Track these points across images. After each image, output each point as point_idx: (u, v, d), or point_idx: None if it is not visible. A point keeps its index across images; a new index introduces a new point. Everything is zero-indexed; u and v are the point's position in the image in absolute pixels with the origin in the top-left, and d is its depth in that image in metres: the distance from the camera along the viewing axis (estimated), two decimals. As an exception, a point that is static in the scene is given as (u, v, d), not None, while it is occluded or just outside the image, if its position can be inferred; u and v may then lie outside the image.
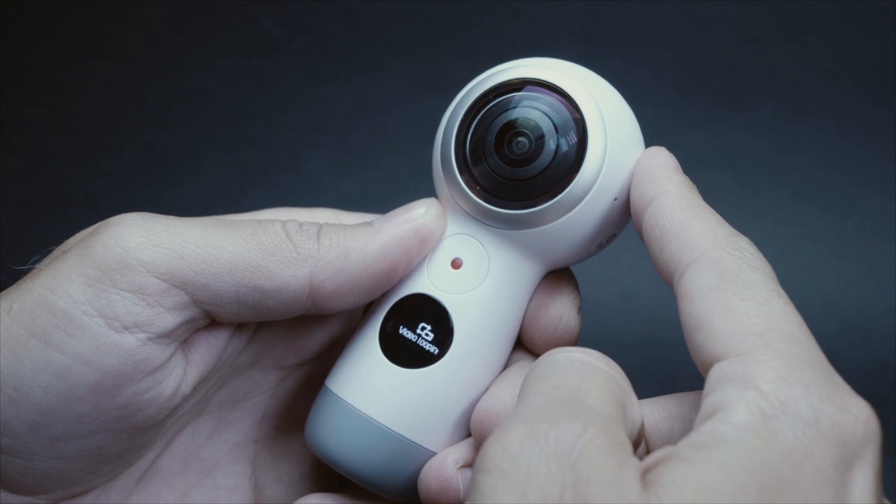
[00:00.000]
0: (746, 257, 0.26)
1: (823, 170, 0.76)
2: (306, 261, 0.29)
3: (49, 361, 0.27)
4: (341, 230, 0.30)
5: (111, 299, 0.27)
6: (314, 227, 0.30)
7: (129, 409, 0.28)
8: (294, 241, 0.29)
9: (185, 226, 0.29)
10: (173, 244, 0.28)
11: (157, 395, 0.28)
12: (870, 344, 0.71)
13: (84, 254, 0.27)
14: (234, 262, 0.28)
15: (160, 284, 0.27)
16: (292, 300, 0.29)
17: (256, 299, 0.29)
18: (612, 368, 0.25)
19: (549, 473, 0.21)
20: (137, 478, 0.32)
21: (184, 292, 0.28)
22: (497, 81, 0.31)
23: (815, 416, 0.22)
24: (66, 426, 0.27)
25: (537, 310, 0.32)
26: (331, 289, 0.29)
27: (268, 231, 0.29)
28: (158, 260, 0.27)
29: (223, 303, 0.28)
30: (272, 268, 0.29)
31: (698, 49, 0.77)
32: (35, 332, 0.27)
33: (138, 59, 0.81)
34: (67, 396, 0.27)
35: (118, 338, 0.27)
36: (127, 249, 0.27)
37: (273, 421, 0.35)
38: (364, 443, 0.30)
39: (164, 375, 0.28)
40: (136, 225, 0.28)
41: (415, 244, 0.30)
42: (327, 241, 0.29)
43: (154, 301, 0.27)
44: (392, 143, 0.78)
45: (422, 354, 0.31)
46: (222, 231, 0.29)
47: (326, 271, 0.29)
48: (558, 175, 0.30)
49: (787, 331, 0.24)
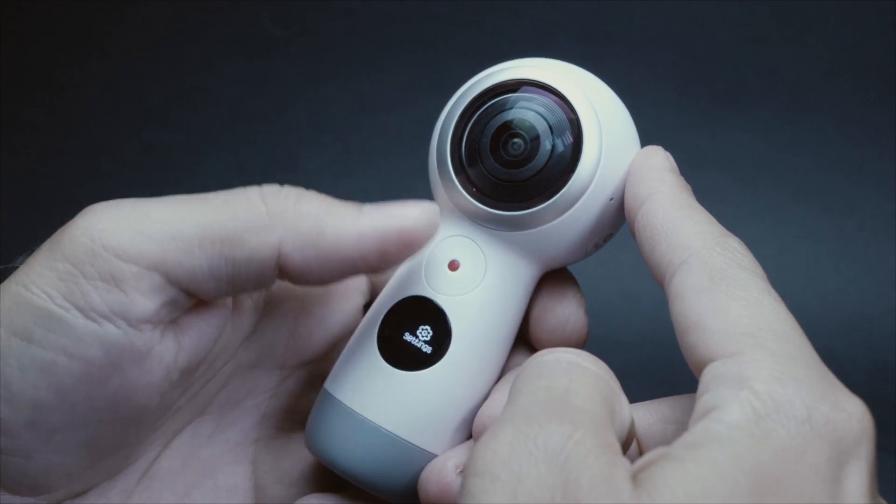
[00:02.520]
0: (736, 257, 0.26)
1: (823, 170, 0.76)
2: (277, 227, 0.28)
3: (34, 358, 0.26)
4: (323, 202, 0.28)
5: (84, 290, 0.26)
6: (295, 190, 0.29)
7: (119, 397, 0.28)
8: (269, 203, 0.28)
9: (151, 204, 0.28)
10: (139, 225, 0.27)
11: (146, 383, 0.28)
12: (870, 344, 0.71)
13: (53, 248, 0.27)
14: (203, 233, 0.27)
15: (131, 269, 0.27)
16: (261, 269, 0.28)
17: (229, 270, 0.28)
18: (601, 368, 0.25)
19: (539, 476, 0.21)
20: (137, 478, 0.32)
21: (157, 273, 0.27)
22: (492, 83, 0.31)
23: (808, 415, 0.22)
24: (60, 418, 0.27)
25: (544, 312, 0.32)
26: (297, 261, 0.28)
27: (241, 197, 0.28)
28: (125, 244, 0.27)
29: (198, 278, 0.28)
30: (242, 235, 0.27)
31: (698, 49, 0.77)
32: (16, 331, 0.26)
33: (138, 59, 0.81)
34: (57, 389, 0.27)
35: (98, 328, 0.27)
36: (92, 238, 0.27)
37: (274, 421, 0.35)
38: (364, 446, 0.30)
39: (152, 362, 0.28)
40: (102, 212, 0.27)
41: (393, 243, 0.28)
42: (306, 206, 0.28)
43: (128, 287, 0.27)
44: (392, 143, 0.78)
45: (420, 357, 0.30)
46: (190, 204, 0.28)
47: (296, 241, 0.28)
48: (554, 176, 0.30)
49: (779, 330, 0.24)
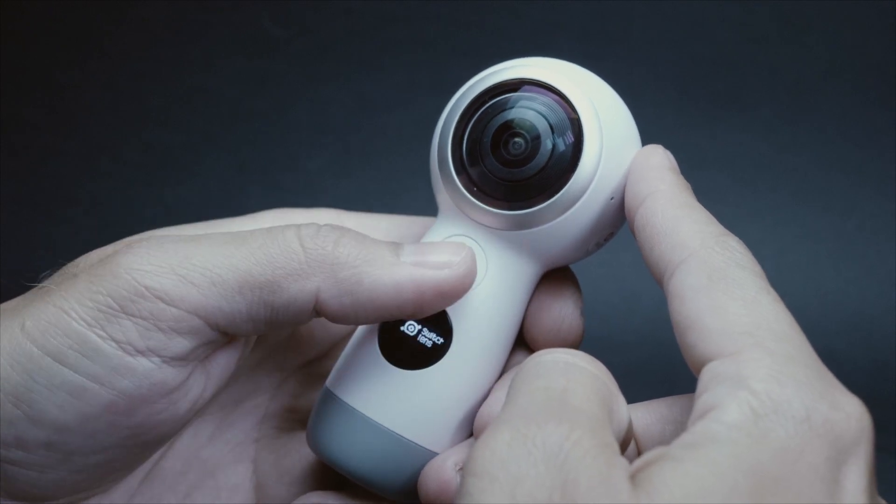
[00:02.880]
0: (735, 256, 0.26)
1: (823, 170, 0.76)
2: (315, 274, 0.28)
3: (64, 380, 0.26)
4: (362, 246, 0.29)
5: (124, 325, 0.27)
6: (334, 233, 0.29)
7: (143, 428, 0.28)
8: (307, 248, 0.28)
9: (194, 248, 0.28)
10: (182, 270, 0.27)
11: (172, 415, 0.28)
12: (870, 344, 0.70)
13: (95, 281, 0.27)
14: (244, 279, 0.27)
15: (172, 311, 0.27)
16: (299, 313, 0.28)
17: (268, 315, 0.28)
18: (598, 369, 0.25)
19: (537, 476, 0.21)
20: (140, 480, 0.32)
21: (196, 317, 0.27)
22: (493, 82, 0.31)
23: (807, 415, 0.22)
24: (80, 443, 0.27)
25: (539, 311, 0.32)
26: (335, 307, 0.28)
27: (279, 240, 0.28)
28: (168, 287, 0.27)
29: (237, 322, 0.28)
30: (281, 282, 0.28)
31: (698, 49, 0.77)
32: (49, 352, 0.26)
33: (138, 59, 0.81)
34: (82, 415, 0.27)
35: (133, 361, 0.27)
36: (136, 278, 0.27)
37: (274, 421, 0.35)
38: (365, 444, 0.30)
39: (180, 395, 0.28)
40: (145, 252, 0.28)
41: (430, 296, 0.29)
42: (344, 252, 0.28)
43: (167, 326, 0.27)
44: (392, 143, 0.78)
45: (421, 355, 0.30)
46: (231, 248, 0.28)
47: (334, 290, 0.28)
48: (555, 175, 0.30)
49: (777, 329, 0.24)
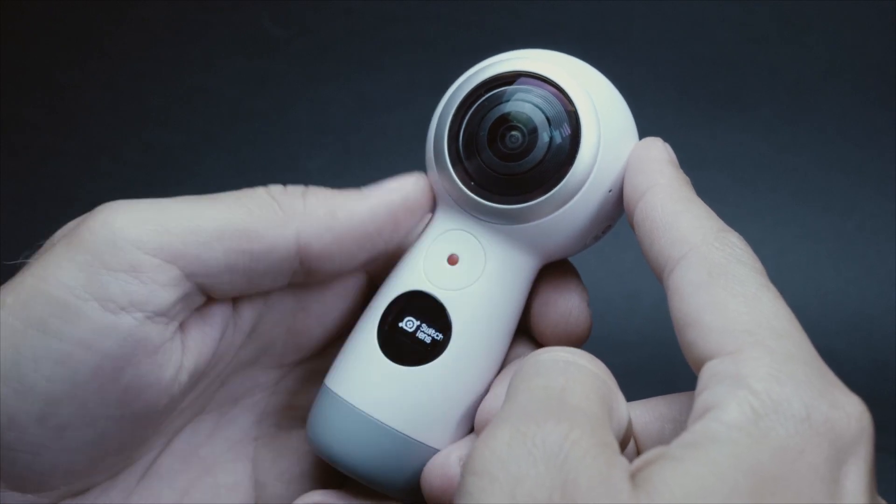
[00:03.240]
0: (735, 252, 0.26)
1: (823, 170, 0.76)
2: (293, 219, 0.29)
3: (49, 350, 0.27)
4: (327, 191, 0.30)
5: (104, 281, 0.27)
6: (299, 187, 0.30)
7: (130, 393, 0.28)
8: (279, 201, 0.30)
9: (169, 203, 0.29)
10: (159, 220, 0.28)
11: (156, 379, 0.28)
12: (870, 344, 0.71)
13: (73, 241, 0.27)
14: (222, 228, 0.28)
15: (151, 260, 0.27)
16: (281, 262, 0.29)
17: (246, 264, 0.29)
18: (598, 367, 0.25)
19: (537, 476, 0.21)
20: (138, 478, 0.32)
21: (175, 266, 0.28)
22: (489, 75, 0.31)
23: (807, 414, 0.21)
24: (71, 414, 0.27)
25: (546, 305, 0.32)
26: (318, 248, 0.30)
27: (252, 195, 0.30)
28: (146, 236, 0.28)
29: (215, 272, 0.29)
30: (259, 229, 0.29)
31: (698, 49, 0.77)
32: (32, 323, 0.27)
33: (138, 59, 0.81)
34: (71, 383, 0.27)
35: (115, 319, 0.27)
36: (114, 230, 0.27)
37: (273, 418, 0.35)
38: (366, 441, 0.30)
39: (163, 358, 0.28)
40: (120, 208, 0.28)
41: (402, 212, 0.31)
42: (313, 199, 0.30)
43: (147, 278, 0.27)
44: (392, 143, 0.78)
45: (420, 351, 0.30)
46: (206, 202, 0.29)
47: (313, 229, 0.29)
48: (552, 168, 0.30)
49: (777, 326, 0.24)
